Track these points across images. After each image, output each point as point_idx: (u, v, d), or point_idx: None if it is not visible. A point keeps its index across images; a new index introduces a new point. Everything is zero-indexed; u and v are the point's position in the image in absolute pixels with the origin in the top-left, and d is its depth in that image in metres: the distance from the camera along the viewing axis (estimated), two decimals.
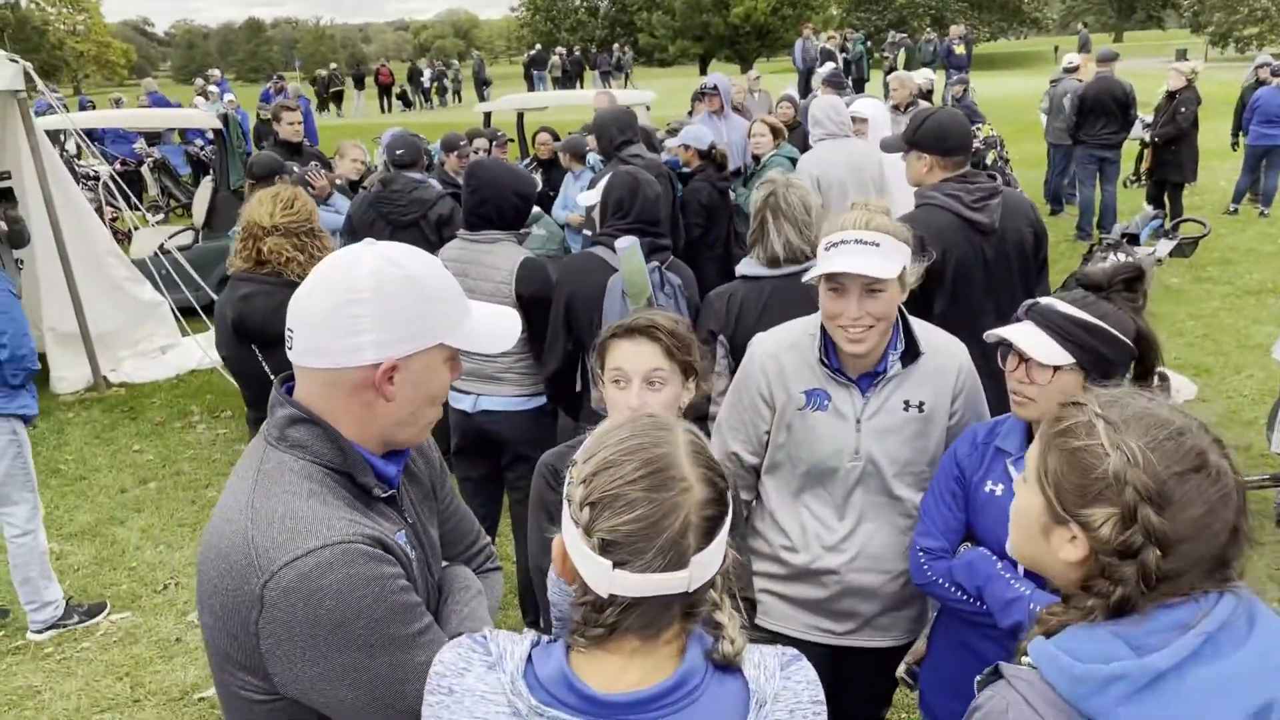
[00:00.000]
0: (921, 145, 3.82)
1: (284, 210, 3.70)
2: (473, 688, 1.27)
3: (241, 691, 1.48)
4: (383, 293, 1.51)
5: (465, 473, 4.30)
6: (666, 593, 1.22)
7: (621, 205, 3.73)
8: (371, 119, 31.56)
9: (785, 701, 1.26)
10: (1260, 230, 11.43)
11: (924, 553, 2.38)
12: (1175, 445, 1.26)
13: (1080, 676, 1.22)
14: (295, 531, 1.43)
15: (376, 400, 1.55)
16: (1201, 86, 11.36)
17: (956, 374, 2.51)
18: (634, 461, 1.24)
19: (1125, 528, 1.26)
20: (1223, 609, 1.24)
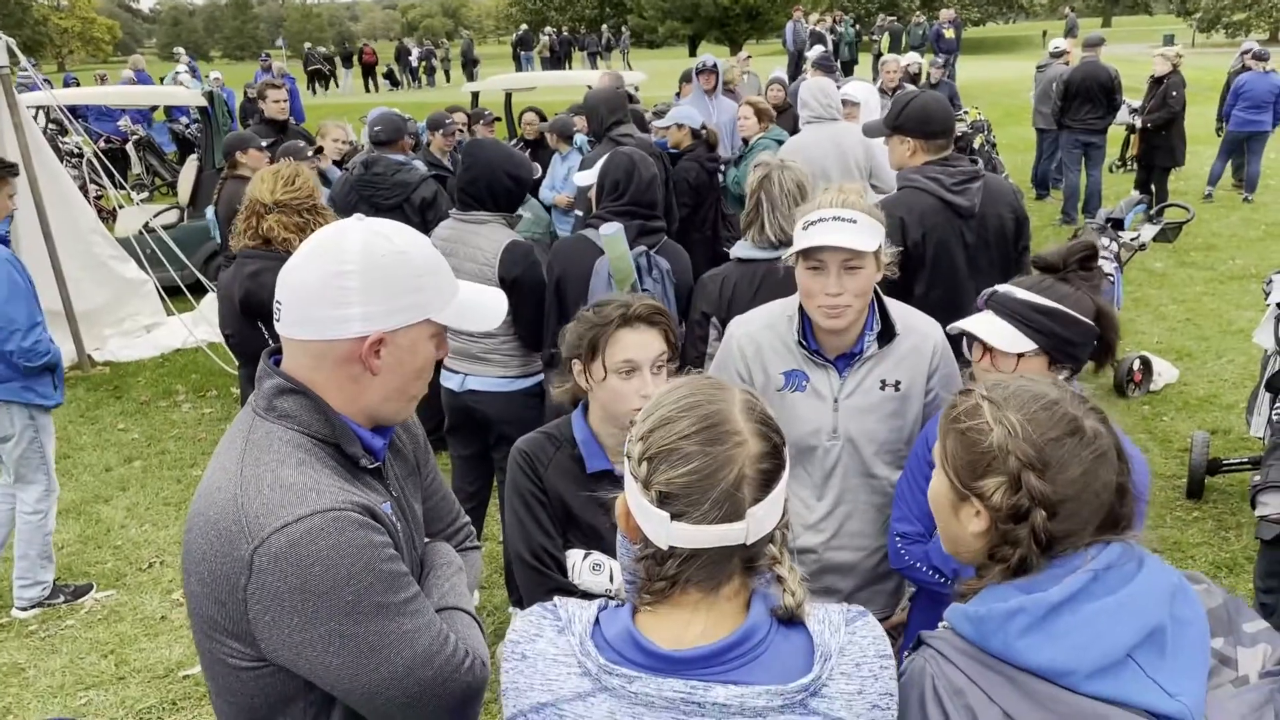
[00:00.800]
0: (905, 129, 3.83)
1: (285, 187, 3.72)
2: (544, 651, 1.29)
3: (228, 659, 1.50)
4: (371, 266, 1.52)
5: (457, 451, 4.33)
6: (724, 544, 1.23)
7: (618, 186, 3.74)
8: (360, 98, 31.39)
9: (851, 655, 1.27)
10: (1244, 215, 11.50)
11: (901, 538, 2.41)
12: (1049, 414, 1.37)
13: (982, 616, 1.32)
14: (285, 498, 1.44)
15: (363, 373, 1.57)
16: (1187, 72, 11.40)
17: (931, 353, 2.54)
18: (690, 417, 1.26)
19: (1014, 493, 1.36)
20: (1110, 553, 1.34)
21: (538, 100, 10.99)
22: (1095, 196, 11.10)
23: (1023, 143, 15.01)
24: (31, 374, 4.36)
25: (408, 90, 36.05)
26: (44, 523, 4.59)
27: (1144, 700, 1.26)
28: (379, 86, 36.16)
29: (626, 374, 2.15)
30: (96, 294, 8.20)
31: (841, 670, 1.25)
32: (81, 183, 10.46)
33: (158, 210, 9.96)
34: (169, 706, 3.99)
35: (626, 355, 2.15)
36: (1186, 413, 6.34)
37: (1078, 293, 2.17)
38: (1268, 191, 12.57)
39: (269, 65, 22.23)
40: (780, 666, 1.23)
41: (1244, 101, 11.72)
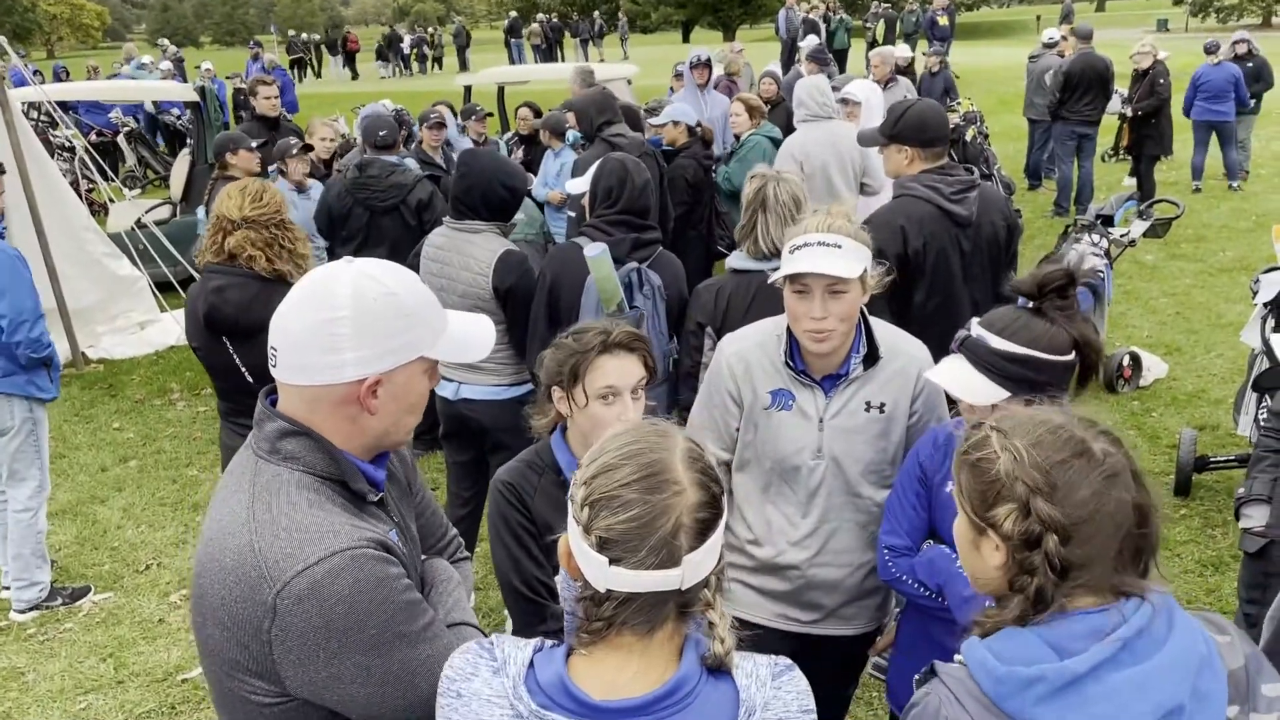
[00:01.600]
0: (902, 138, 3.84)
1: (253, 203, 3.71)
2: (479, 691, 1.34)
3: (251, 696, 1.53)
4: (362, 310, 1.55)
5: (453, 457, 4.37)
6: (659, 589, 1.28)
7: (611, 193, 3.75)
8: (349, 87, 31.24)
9: (774, 710, 1.31)
10: (1234, 206, 11.54)
11: (889, 550, 2.45)
12: (1054, 438, 1.39)
13: (1001, 678, 1.31)
14: (303, 541, 1.48)
15: (360, 414, 1.60)
16: (1178, 59, 11.43)
17: (917, 377, 2.57)
18: (631, 465, 1.31)
19: (1024, 519, 1.36)
20: (1140, 617, 1.33)
21: (531, 93, 10.98)
22: (1087, 188, 11.13)
23: (1016, 131, 15.01)
24: (31, 367, 4.42)
25: (399, 79, 35.86)
26: (34, 521, 4.61)
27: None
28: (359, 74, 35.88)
29: (607, 400, 2.20)
30: (90, 291, 8.19)
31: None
32: (73, 177, 10.44)
33: (150, 205, 9.93)
34: (168, 710, 4.03)
35: (608, 381, 2.20)
36: (1175, 408, 6.40)
37: (1052, 329, 2.11)
38: (1258, 181, 12.62)
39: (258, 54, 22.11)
40: (706, 718, 1.28)
41: (1202, 93, 11.77)
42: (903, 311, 3.74)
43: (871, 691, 3.83)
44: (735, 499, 2.71)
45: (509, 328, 3.89)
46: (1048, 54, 12.06)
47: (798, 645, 2.68)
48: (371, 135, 6.03)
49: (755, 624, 2.69)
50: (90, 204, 10.20)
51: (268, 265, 3.65)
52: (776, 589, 2.70)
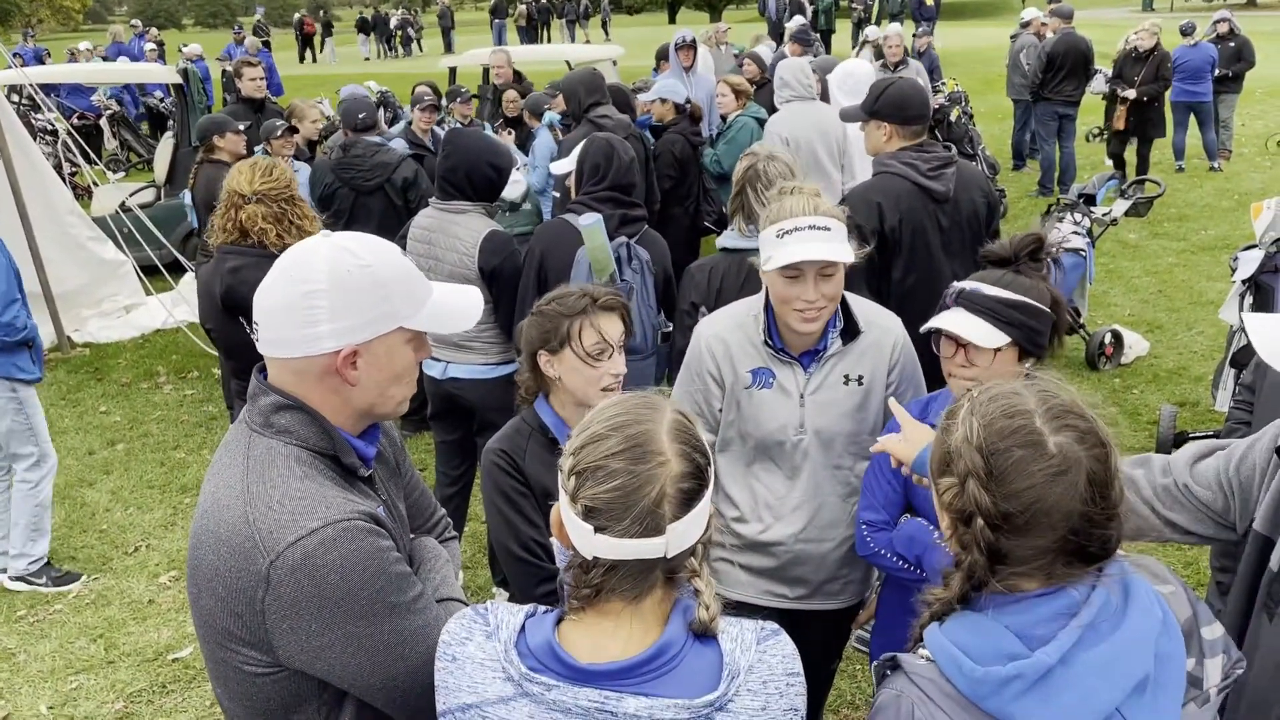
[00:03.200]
0: (882, 114, 3.88)
1: (263, 177, 3.76)
2: (472, 655, 1.38)
3: (244, 667, 1.56)
4: (338, 282, 1.57)
5: (441, 436, 4.40)
6: (643, 557, 1.32)
7: (598, 170, 3.78)
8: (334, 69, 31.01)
9: (759, 673, 1.34)
10: (1216, 186, 11.61)
11: (867, 526, 2.50)
12: (1007, 424, 1.36)
13: (980, 679, 1.31)
14: (296, 512, 1.50)
15: (342, 385, 1.62)
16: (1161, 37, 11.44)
17: (892, 347, 2.63)
18: (618, 436, 1.34)
19: (960, 495, 1.38)
20: (1098, 597, 1.34)
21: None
22: (1070, 168, 11.19)
23: (1001, 111, 15.04)
24: (9, 349, 4.43)
25: (383, 60, 35.60)
26: (34, 492, 4.65)
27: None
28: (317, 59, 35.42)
29: (598, 356, 2.27)
30: (75, 275, 8.16)
31: (748, 687, 1.33)
32: (55, 161, 10.37)
33: (134, 189, 9.88)
34: (159, 689, 4.06)
35: (599, 337, 2.27)
36: (1156, 385, 6.47)
37: (1036, 283, 2.26)
38: (1240, 160, 12.69)
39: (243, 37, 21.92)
40: (691, 681, 1.32)
41: (1180, 74, 11.80)
42: (881, 288, 3.78)
43: (855, 665, 3.89)
44: (719, 478, 2.75)
45: (495, 307, 3.92)
46: (1024, 34, 12.10)
47: (784, 622, 2.71)
48: (351, 118, 6.03)
49: (742, 602, 2.74)
50: (74, 188, 10.14)
51: (278, 240, 3.69)
52: (763, 566, 2.74)
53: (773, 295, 2.53)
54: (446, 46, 32.52)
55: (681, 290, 3.56)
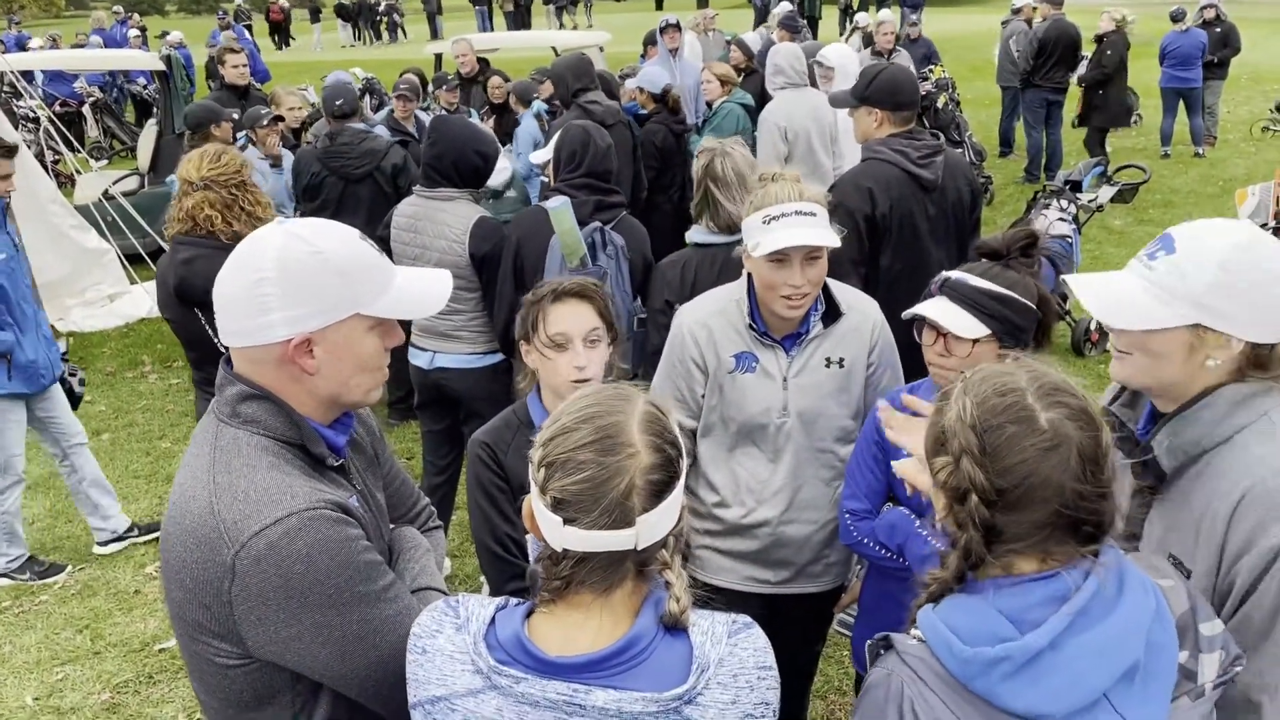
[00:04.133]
0: (873, 100, 3.87)
1: (210, 164, 3.71)
2: (442, 647, 1.38)
3: (215, 658, 1.56)
4: (287, 270, 1.55)
5: (428, 426, 4.40)
6: (613, 549, 1.31)
7: (574, 157, 3.77)
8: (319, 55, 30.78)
9: (729, 666, 1.34)
10: (1201, 172, 11.66)
11: (850, 514, 2.51)
12: (1000, 401, 1.38)
13: (968, 659, 1.33)
14: (261, 502, 1.49)
15: (301, 374, 1.60)
16: (1146, 25, 11.48)
17: (871, 331, 2.67)
18: (588, 428, 1.34)
19: (954, 473, 1.38)
20: (1091, 582, 1.35)
21: (502, 61, 10.88)
22: (1056, 155, 11.22)
23: (987, 98, 15.06)
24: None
25: (369, 46, 35.37)
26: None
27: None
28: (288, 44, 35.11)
29: (559, 347, 2.26)
30: (58, 265, 8.10)
31: (718, 681, 1.32)
32: (38, 149, 10.28)
33: (117, 176, 9.80)
34: (145, 680, 4.05)
35: (558, 328, 2.26)
36: None
37: (1024, 278, 2.26)
38: (1225, 146, 12.75)
39: (228, 24, 21.73)
40: (660, 674, 1.32)
41: (1170, 60, 11.87)
42: (870, 274, 3.78)
43: (842, 650, 3.91)
44: (701, 464, 2.75)
45: (485, 294, 3.91)
46: (1015, 20, 12.10)
47: (767, 606, 2.74)
48: (329, 105, 5.99)
49: (725, 589, 2.75)
50: (56, 176, 10.06)
51: (226, 227, 3.65)
52: (746, 550, 2.75)
53: (759, 281, 2.53)
54: (433, 32, 32.28)
55: (653, 289, 3.54)
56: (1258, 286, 1.59)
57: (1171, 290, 1.63)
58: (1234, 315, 1.60)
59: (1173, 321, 1.63)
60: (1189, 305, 1.62)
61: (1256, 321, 1.61)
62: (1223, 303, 1.60)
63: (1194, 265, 1.62)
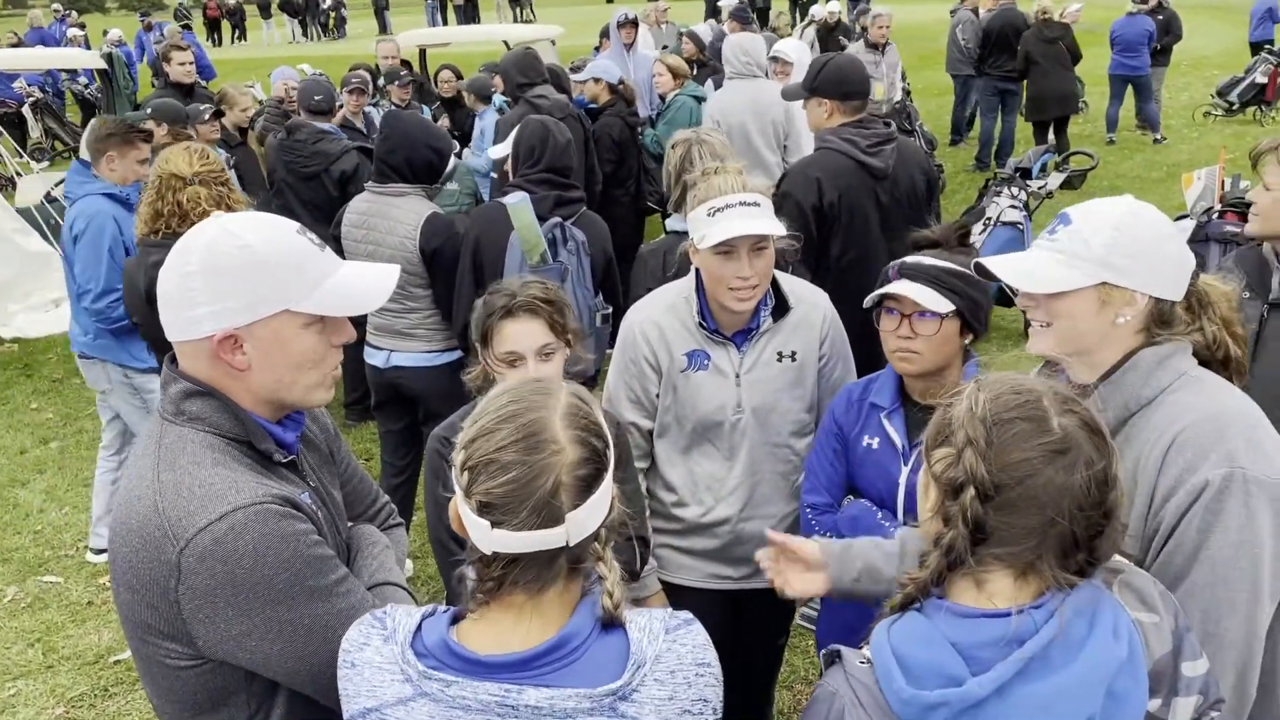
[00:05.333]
0: (822, 91, 3.90)
1: (200, 160, 3.70)
2: (370, 660, 1.36)
3: (166, 660, 1.52)
4: (212, 264, 1.52)
5: (386, 426, 4.35)
6: (544, 548, 1.30)
7: (533, 153, 3.73)
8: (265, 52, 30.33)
9: (666, 663, 1.32)
10: (1146, 158, 11.87)
11: (811, 509, 2.51)
12: (1014, 398, 1.36)
13: (908, 700, 1.30)
14: (205, 498, 1.46)
15: (233, 371, 1.57)
16: (1090, 13, 11.59)
17: (821, 322, 2.67)
18: (509, 427, 1.31)
19: (954, 466, 1.35)
20: (1050, 628, 1.29)
21: (453, 56, 10.80)
22: (1008, 144, 11.34)
23: (937, 87, 15.21)
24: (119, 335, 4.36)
25: (317, 42, 34.90)
26: None
27: None
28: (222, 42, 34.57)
29: (513, 364, 2.25)
30: (1, 269, 7.90)
31: (655, 677, 1.30)
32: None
33: (60, 178, 9.57)
34: (101, 693, 3.97)
35: (508, 347, 2.25)
36: None
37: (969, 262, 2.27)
38: (1169, 131, 12.98)
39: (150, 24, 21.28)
40: (595, 671, 1.30)
41: (1118, 46, 12.03)
42: (819, 265, 3.80)
43: (807, 640, 3.93)
44: (658, 464, 2.75)
45: (436, 291, 3.87)
46: (962, 9, 12.23)
47: (731, 602, 2.74)
48: (307, 99, 5.94)
49: (688, 587, 2.74)
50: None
51: None
52: (707, 548, 2.75)
53: (706, 275, 2.53)
54: (381, 27, 31.92)
55: (634, 277, 3.53)
56: (1150, 243, 1.72)
57: (1075, 254, 1.74)
58: (1134, 271, 1.71)
59: (1080, 282, 1.73)
60: (1093, 265, 1.72)
61: (1155, 276, 1.72)
62: (1122, 260, 1.71)
63: (1091, 230, 1.73)
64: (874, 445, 2.39)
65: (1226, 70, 15.30)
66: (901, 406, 2.38)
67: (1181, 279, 1.76)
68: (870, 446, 2.39)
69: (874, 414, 2.40)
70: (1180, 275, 1.76)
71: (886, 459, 2.36)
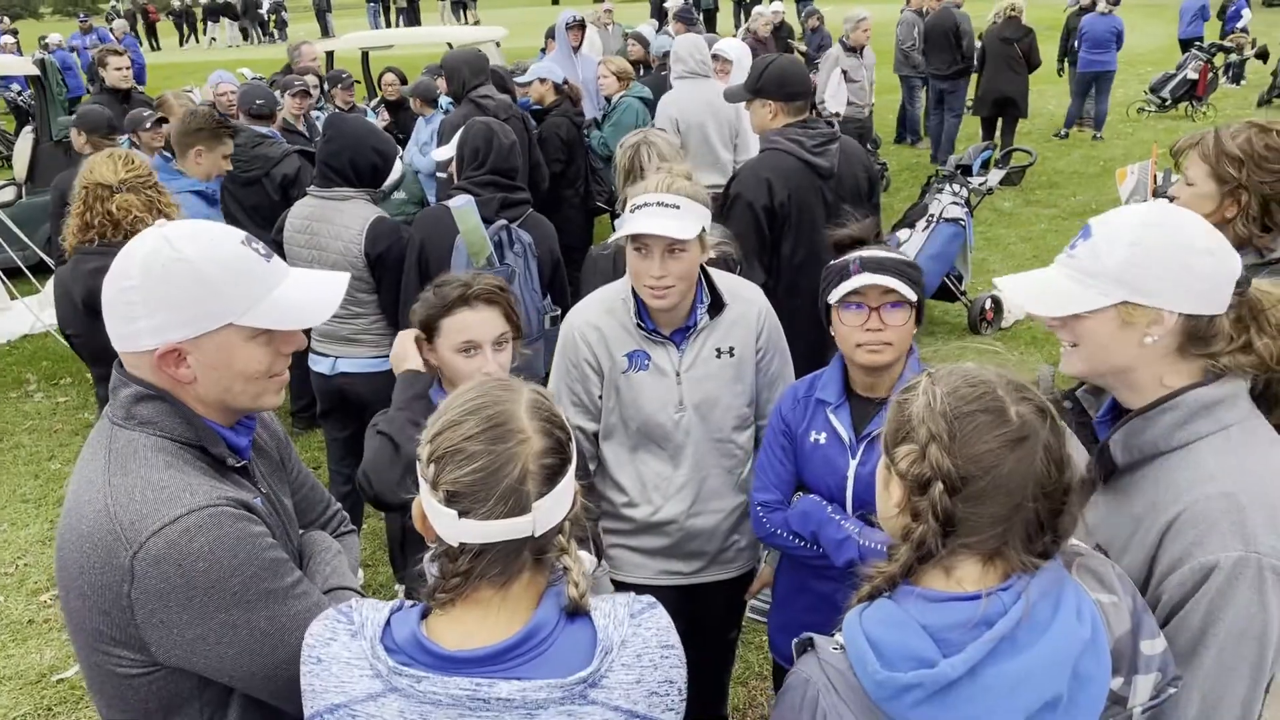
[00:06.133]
0: (765, 93, 3.94)
1: (126, 166, 3.61)
2: (338, 655, 1.35)
3: (117, 669, 1.50)
4: (151, 277, 1.50)
5: (332, 434, 4.30)
6: (511, 537, 1.31)
7: (478, 155, 3.72)
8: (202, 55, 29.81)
9: (633, 647, 1.34)
10: (1084, 154, 12.12)
11: (761, 507, 2.52)
12: (971, 391, 1.37)
13: (882, 682, 1.31)
14: (158, 501, 1.45)
15: (178, 382, 1.55)
16: (1028, 12, 11.80)
17: (757, 317, 2.70)
18: (475, 418, 1.33)
19: (919, 462, 1.36)
20: (1017, 610, 1.31)
21: (396, 58, 10.71)
22: (949, 142, 11.52)
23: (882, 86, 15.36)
24: None
25: (257, 45, 34.38)
26: None
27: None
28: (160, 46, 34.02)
29: (469, 353, 2.24)
30: None
31: (622, 662, 1.32)
32: None
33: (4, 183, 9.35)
34: (44, 713, 3.87)
35: (467, 335, 2.25)
36: (1035, 347, 6.74)
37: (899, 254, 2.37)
38: (1106, 128, 13.25)
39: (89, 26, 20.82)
40: (564, 661, 1.31)
41: (1087, 43, 12.29)
42: (771, 264, 3.83)
43: (760, 635, 3.95)
44: (606, 465, 2.76)
45: (382, 296, 3.83)
46: (907, 9, 12.41)
47: (683, 596, 2.76)
48: (248, 102, 5.83)
49: (641, 584, 2.76)
50: None
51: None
52: (658, 546, 2.77)
53: (628, 271, 2.56)
54: (323, 30, 31.54)
55: (585, 278, 3.52)
56: (1170, 256, 1.59)
57: (1089, 272, 1.64)
58: (1153, 288, 1.59)
59: (1095, 302, 1.62)
60: (1109, 283, 1.61)
61: (1178, 291, 1.59)
62: (1139, 276, 1.59)
63: (1107, 245, 1.63)
64: (821, 440, 2.41)
65: (1160, 67, 15.71)
66: (847, 401, 2.40)
67: (1215, 293, 1.60)
68: (818, 442, 2.41)
69: (820, 410, 2.42)
70: (1212, 289, 1.60)
71: (834, 453, 2.39)
